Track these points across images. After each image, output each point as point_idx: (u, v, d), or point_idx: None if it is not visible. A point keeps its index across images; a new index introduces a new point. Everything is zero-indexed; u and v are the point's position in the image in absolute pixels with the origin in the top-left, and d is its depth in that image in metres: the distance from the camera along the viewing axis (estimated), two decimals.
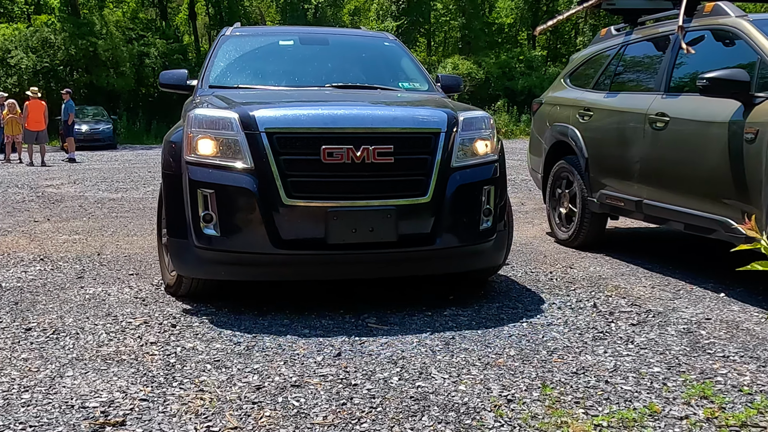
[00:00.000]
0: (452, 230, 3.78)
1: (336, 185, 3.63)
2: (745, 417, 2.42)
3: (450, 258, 3.88)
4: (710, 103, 4.11)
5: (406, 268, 3.95)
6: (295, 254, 3.62)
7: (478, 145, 3.91)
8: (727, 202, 4.00)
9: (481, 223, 3.83)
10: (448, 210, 3.72)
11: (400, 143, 3.69)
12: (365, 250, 3.68)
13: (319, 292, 4.20)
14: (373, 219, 3.62)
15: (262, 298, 4.06)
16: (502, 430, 2.36)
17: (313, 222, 3.59)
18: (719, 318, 3.65)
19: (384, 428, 2.38)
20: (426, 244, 3.73)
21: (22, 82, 26.29)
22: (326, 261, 3.71)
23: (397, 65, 5.40)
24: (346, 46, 5.76)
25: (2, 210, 8.12)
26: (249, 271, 3.79)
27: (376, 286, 4.33)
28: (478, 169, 3.87)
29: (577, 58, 6.30)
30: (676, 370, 2.89)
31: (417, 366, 2.96)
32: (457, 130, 3.82)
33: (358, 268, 3.85)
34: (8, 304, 3.98)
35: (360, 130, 3.65)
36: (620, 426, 2.38)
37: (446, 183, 3.73)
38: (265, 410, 2.53)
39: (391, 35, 5.95)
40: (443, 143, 3.75)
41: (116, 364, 3.00)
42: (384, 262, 3.80)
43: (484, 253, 3.97)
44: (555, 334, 3.40)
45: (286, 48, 5.49)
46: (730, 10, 4.35)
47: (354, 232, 3.60)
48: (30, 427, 2.39)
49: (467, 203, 3.79)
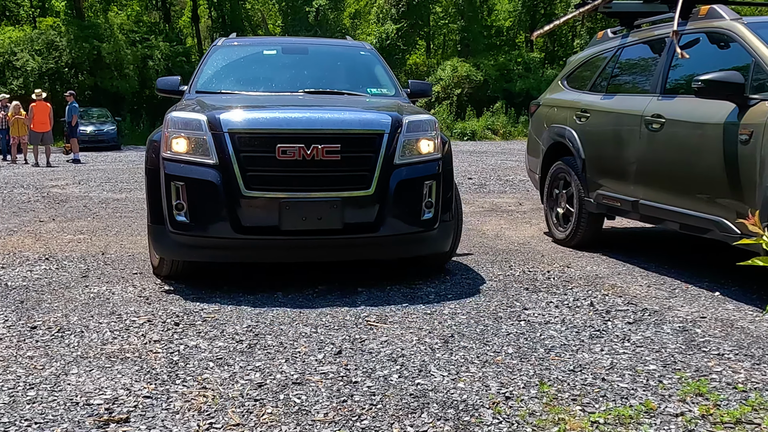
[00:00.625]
0: (395, 219, 4.18)
1: (288, 179, 4.06)
2: (740, 414, 2.43)
3: (393, 244, 4.29)
4: (705, 104, 4.11)
5: (352, 253, 4.37)
6: (253, 239, 4.07)
7: (422, 145, 4.30)
8: (722, 203, 4.00)
9: (422, 213, 4.22)
10: (391, 202, 4.13)
11: (347, 143, 4.11)
12: (314, 236, 4.11)
13: (319, 291, 4.20)
14: (320, 209, 4.05)
15: (263, 297, 4.06)
16: (501, 426, 2.36)
17: (269, 211, 4.03)
18: (714, 316, 3.65)
19: (384, 425, 2.38)
20: (370, 232, 4.15)
21: (28, 84, 26.29)
22: (280, 245, 4.17)
23: (369, 73, 5.75)
24: (324, 55, 6.19)
25: (8, 210, 8.12)
26: (215, 253, 4.25)
27: (376, 286, 4.33)
28: (420, 166, 4.27)
29: (574, 61, 6.31)
30: (672, 368, 2.90)
31: (416, 364, 2.96)
32: (401, 131, 4.21)
33: (308, 252, 4.28)
34: (14, 302, 3.98)
35: (311, 132, 4.08)
36: (617, 423, 2.38)
37: (389, 178, 4.14)
38: (267, 407, 2.53)
39: (368, 45, 6.25)
40: (386, 143, 4.16)
41: (120, 362, 3.00)
42: (331, 246, 4.22)
43: (428, 240, 4.36)
44: (552, 332, 3.40)
45: (269, 57, 5.98)
46: (725, 13, 4.35)
47: (304, 220, 4.03)
48: (35, 424, 2.39)
49: (409, 196, 4.20)
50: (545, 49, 37.36)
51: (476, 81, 32.11)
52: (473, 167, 13.94)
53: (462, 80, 32.04)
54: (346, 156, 4.09)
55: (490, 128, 30.00)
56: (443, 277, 4.56)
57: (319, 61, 6.04)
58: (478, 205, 8.19)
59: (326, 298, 4.06)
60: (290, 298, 4.04)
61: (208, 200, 4.02)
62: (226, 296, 4.09)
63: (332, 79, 5.66)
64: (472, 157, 17.48)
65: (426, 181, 4.23)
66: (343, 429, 2.35)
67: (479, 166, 14.34)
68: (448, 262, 4.85)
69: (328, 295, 4.13)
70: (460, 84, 31.95)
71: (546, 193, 5.99)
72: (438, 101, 31.81)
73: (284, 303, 3.95)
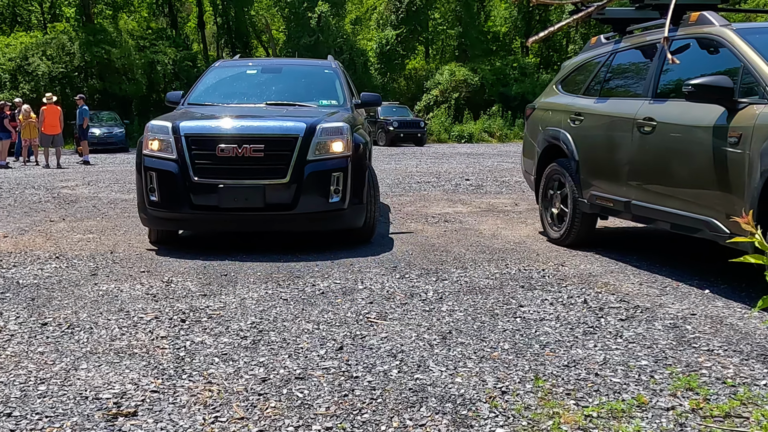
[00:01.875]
0: (307, 201, 5.26)
1: (224, 170, 5.26)
2: (729, 408, 2.43)
3: (307, 220, 5.41)
4: (695, 108, 4.11)
5: (274, 226, 5.61)
6: (201, 214, 5.34)
7: (334, 146, 5.36)
8: (712, 203, 4.00)
9: (330, 197, 5.31)
10: (303, 188, 5.22)
11: (269, 144, 5.26)
12: (243, 212, 5.31)
13: (321, 289, 4.20)
14: (248, 192, 5.22)
15: (267, 295, 4.06)
16: (497, 420, 2.36)
17: (211, 193, 5.24)
18: (704, 313, 3.65)
19: (384, 419, 2.38)
20: (286, 210, 5.28)
21: (39, 88, 26.28)
22: (220, 219, 5.43)
23: (325, 87, 6.88)
24: (293, 73, 7.59)
25: (20, 210, 8.12)
26: (177, 224, 5.66)
27: (376, 284, 4.33)
28: (329, 161, 5.33)
29: (569, 66, 6.30)
30: (663, 363, 2.90)
31: (415, 359, 2.96)
32: (315, 135, 5.29)
33: (240, 224, 5.55)
34: (25, 300, 3.98)
35: (241, 136, 5.29)
36: (609, 416, 2.38)
37: (303, 170, 5.23)
38: (271, 401, 2.53)
39: (334, 64, 7.32)
40: (300, 144, 5.25)
41: (128, 358, 3.00)
42: (257, 220, 5.42)
43: (340, 218, 5.44)
44: (547, 328, 3.40)
45: (250, 75, 7.41)
46: (715, 20, 4.35)
47: (235, 200, 5.24)
48: (46, 418, 2.39)
49: (318, 184, 5.27)
50: (540, 54, 37.36)
51: (473, 85, 32.11)
52: (470, 169, 13.93)
53: (460, 84, 32.04)
54: (268, 153, 5.23)
55: (486, 131, 30.01)
56: (441, 275, 4.56)
57: (287, 79, 7.36)
58: (475, 206, 8.19)
59: (327, 295, 4.06)
60: (293, 296, 4.04)
61: (170, 185, 5.29)
62: (231, 294, 4.09)
63: (293, 93, 6.81)
64: (469, 159, 17.48)
65: (334, 173, 5.30)
66: (344, 422, 2.35)
67: (476, 167, 14.33)
68: (371, 236, 5.85)
69: (329, 293, 4.13)
70: (458, 88, 31.96)
71: (541, 193, 5.99)
72: (436, 104, 31.80)
73: (287, 300, 3.95)
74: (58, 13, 35.20)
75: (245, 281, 4.42)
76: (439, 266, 4.84)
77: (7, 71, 27.36)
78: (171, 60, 30.59)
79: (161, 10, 36.22)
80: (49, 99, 16.34)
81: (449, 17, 36.58)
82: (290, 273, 4.65)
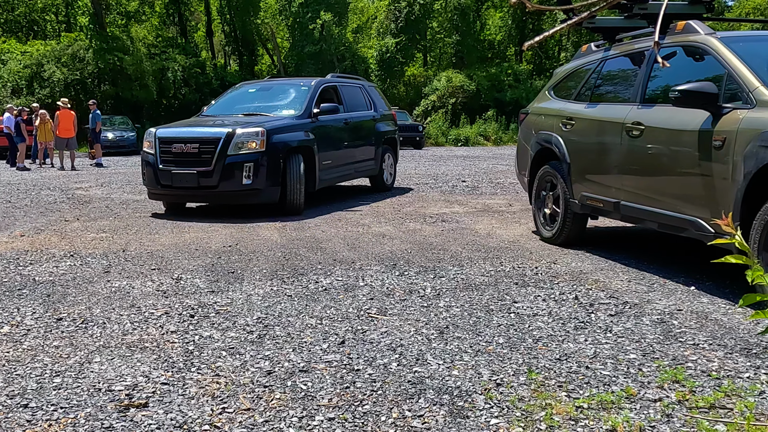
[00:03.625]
0: (226, 184, 7.19)
1: (176, 161, 7.39)
2: (714, 399, 2.43)
3: (229, 196, 7.38)
4: (682, 113, 4.11)
5: (206, 200, 7.76)
6: (164, 189, 7.59)
7: (250, 145, 7.19)
8: (697, 204, 4.00)
9: (242, 181, 7.17)
10: (223, 175, 7.15)
11: (201, 144, 7.30)
12: (186, 190, 7.46)
13: (324, 286, 4.20)
14: (188, 177, 7.29)
15: (272, 292, 4.06)
16: (492, 411, 2.36)
17: (168, 176, 7.39)
18: (690, 309, 3.65)
19: (384, 410, 2.38)
20: (212, 189, 7.27)
21: (54, 93, 26.28)
22: (174, 194, 7.67)
23: (292, 100, 8.50)
24: (277, 90, 9.18)
25: (36, 210, 8.12)
26: (155, 196, 7.94)
27: (376, 281, 4.33)
28: (243, 155, 7.18)
29: (560, 72, 6.30)
30: (651, 357, 2.90)
31: (414, 353, 2.96)
32: (234, 138, 7.18)
33: (186, 198, 7.87)
34: (41, 296, 3.98)
35: (187, 138, 7.46)
36: (600, 408, 2.38)
37: (223, 162, 7.15)
38: (276, 393, 2.53)
39: (314, 81, 8.80)
40: (222, 144, 7.17)
41: (140, 351, 3.00)
42: (195, 195, 7.63)
43: (257, 195, 7.30)
44: (540, 323, 3.40)
45: (249, 93, 9.24)
46: (700, 28, 4.35)
47: (181, 181, 7.35)
48: (61, 409, 2.39)
49: (233, 172, 7.16)
50: (534, 61, 37.36)
51: (469, 91, 32.10)
52: (466, 171, 13.93)
53: (456, 90, 32.03)
54: (201, 150, 7.27)
55: (482, 134, 30.01)
56: (439, 272, 4.56)
57: (270, 95, 8.99)
58: (471, 206, 8.19)
59: (330, 292, 4.06)
60: (297, 293, 4.04)
61: (149, 171, 7.63)
62: (238, 290, 4.09)
63: (266, 106, 8.55)
64: (465, 161, 17.47)
65: (246, 164, 7.13)
66: (346, 413, 2.35)
67: (472, 169, 14.32)
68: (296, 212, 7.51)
69: (331, 289, 4.13)
70: (455, 93, 31.95)
71: (534, 194, 5.99)
72: (434, 109, 31.79)
73: (291, 297, 3.95)
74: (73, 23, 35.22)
75: (251, 278, 4.42)
76: (436, 264, 4.84)
77: (24, 78, 27.37)
78: (180, 67, 30.59)
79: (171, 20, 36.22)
80: (64, 104, 16.34)
81: (446, 26, 36.57)
82: (294, 270, 4.65)
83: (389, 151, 10.20)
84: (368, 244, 5.64)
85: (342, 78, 9.93)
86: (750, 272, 1.63)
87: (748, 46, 4.11)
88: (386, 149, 10.05)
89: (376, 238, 5.95)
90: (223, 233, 6.28)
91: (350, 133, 8.95)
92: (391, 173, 10.32)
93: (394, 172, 10.48)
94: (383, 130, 9.90)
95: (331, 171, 8.49)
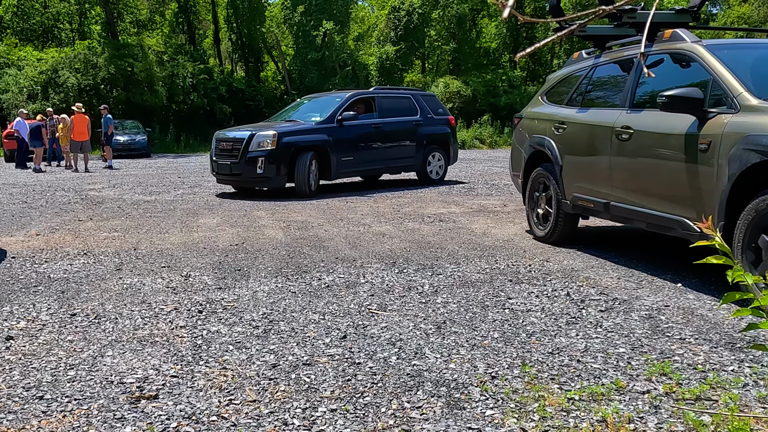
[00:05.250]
0: (247, 171, 9.24)
1: (221, 155, 9.59)
2: (699, 391, 2.43)
3: (249, 181, 9.50)
4: (669, 117, 4.11)
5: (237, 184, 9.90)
6: (217, 175, 9.92)
7: (265, 143, 9.10)
8: (684, 204, 3.99)
9: (257, 170, 9.12)
10: (245, 166, 9.20)
11: (234, 143, 9.39)
12: (225, 176, 9.70)
13: (327, 283, 4.20)
14: (225, 166, 9.51)
15: (277, 289, 4.06)
16: (487, 403, 2.36)
17: (217, 165, 9.71)
18: (677, 305, 3.65)
19: (384, 401, 2.38)
20: (238, 175, 9.44)
21: (68, 99, 26.26)
22: (219, 178, 9.85)
23: (322, 109, 10.19)
24: (320, 100, 10.92)
25: (51, 211, 8.12)
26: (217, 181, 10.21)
27: (377, 278, 4.33)
28: (259, 152, 9.10)
29: (553, 78, 6.30)
30: (639, 351, 2.90)
31: (413, 347, 2.96)
32: (254, 138, 9.15)
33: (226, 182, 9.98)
34: (56, 292, 3.98)
35: (226, 138, 9.64)
36: (590, 399, 2.38)
37: (246, 156, 9.15)
38: (280, 385, 2.53)
39: (349, 93, 10.55)
40: (245, 143, 9.20)
41: (150, 345, 3.00)
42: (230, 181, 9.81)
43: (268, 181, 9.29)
44: (533, 319, 3.40)
45: (301, 103, 11.38)
46: (687, 36, 4.35)
47: (222, 170, 9.60)
48: (75, 400, 2.39)
49: (252, 163, 9.12)
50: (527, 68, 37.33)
51: (466, 96, 32.07)
52: (463, 173, 13.92)
53: (453, 95, 32.01)
54: (233, 147, 9.37)
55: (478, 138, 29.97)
56: (437, 270, 4.56)
57: (314, 104, 10.84)
58: (467, 206, 8.19)
59: (332, 289, 4.06)
60: (300, 289, 4.04)
61: (211, 162, 9.98)
62: (244, 287, 4.09)
63: (304, 114, 10.46)
64: (462, 164, 17.44)
65: (260, 158, 9.05)
66: (347, 405, 2.35)
67: (468, 171, 14.31)
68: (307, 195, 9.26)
69: (334, 286, 4.13)
70: (452, 99, 31.92)
71: (527, 195, 5.98)
72: None
73: (295, 293, 3.95)
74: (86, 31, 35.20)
75: (257, 275, 4.42)
76: (434, 262, 4.84)
77: (39, 83, 27.35)
78: (189, 73, 30.54)
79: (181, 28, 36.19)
80: (78, 108, 16.35)
81: (444, 34, 36.56)
82: (298, 268, 4.65)
83: (438, 150, 11.34)
84: (369, 243, 5.64)
85: (384, 90, 11.42)
86: (730, 272, 1.63)
87: (733, 54, 4.11)
88: (433, 149, 11.24)
89: (376, 237, 5.95)
90: (230, 233, 6.28)
91: (381, 135, 10.44)
92: (438, 170, 11.41)
93: (444, 168, 11.55)
94: (427, 133, 11.10)
95: (352, 165, 10.09)
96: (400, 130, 10.83)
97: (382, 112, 10.62)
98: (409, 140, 10.92)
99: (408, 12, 34.43)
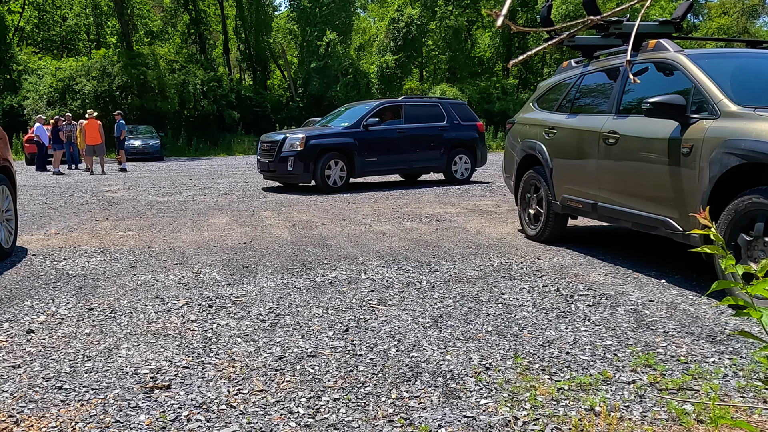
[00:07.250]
0: (279, 169, 10.19)
1: (263, 154, 10.64)
2: (682, 382, 2.43)
3: (281, 176, 10.48)
4: (653, 123, 4.11)
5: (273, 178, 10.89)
6: (260, 172, 11.14)
7: (295, 144, 9.97)
8: (667, 205, 4.00)
9: (287, 168, 10.07)
10: (278, 164, 10.19)
11: (271, 144, 10.39)
12: (265, 171, 10.71)
13: (330, 279, 4.20)
14: (265, 164, 10.53)
15: (283, 285, 4.06)
16: (482, 392, 2.36)
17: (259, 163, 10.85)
18: (660, 300, 3.65)
19: (384, 391, 2.38)
20: (274, 172, 10.46)
21: (85, 105, 26.27)
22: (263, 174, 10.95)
23: (354, 115, 10.87)
24: (354, 108, 11.49)
25: (69, 211, 8.12)
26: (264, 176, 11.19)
27: (377, 275, 4.33)
28: (290, 152, 10.00)
29: (544, 86, 6.30)
30: (625, 343, 2.90)
31: (411, 340, 2.96)
32: (287, 141, 10.05)
33: (265, 176, 10.95)
34: (74, 288, 3.98)
35: (266, 140, 10.71)
36: (579, 389, 2.38)
37: (279, 155, 10.07)
38: (286, 376, 2.53)
39: (377, 101, 11.24)
40: (280, 144, 10.12)
41: (163, 338, 3.00)
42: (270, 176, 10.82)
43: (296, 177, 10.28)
44: (525, 313, 3.40)
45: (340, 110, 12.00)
46: (670, 46, 4.35)
47: (263, 167, 10.70)
48: (92, 390, 2.40)
49: (283, 162, 10.07)
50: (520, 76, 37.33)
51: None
52: None
53: None
54: (271, 148, 10.27)
55: None
56: (434, 267, 4.56)
57: (348, 111, 11.43)
58: (462, 207, 8.19)
59: (335, 285, 4.06)
60: (305, 285, 4.05)
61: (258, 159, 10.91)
62: (252, 283, 4.09)
63: (338, 119, 11.24)
64: None
65: (290, 157, 10.00)
66: (349, 394, 2.35)
67: None
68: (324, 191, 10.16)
69: (336, 282, 4.13)
70: None
71: (519, 196, 5.98)
72: None
73: (300, 289, 3.95)
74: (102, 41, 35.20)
75: (264, 272, 4.42)
76: (431, 259, 4.84)
77: (58, 90, 27.36)
78: (200, 81, 30.54)
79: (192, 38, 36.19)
80: (90, 114, 16.37)
81: (440, 44, 36.56)
82: (303, 265, 4.65)
83: (464, 153, 11.76)
84: (369, 242, 5.64)
85: (412, 99, 11.85)
86: (723, 261, 1.63)
87: (713, 63, 4.12)
88: (459, 151, 11.67)
89: (376, 236, 5.95)
90: (238, 232, 6.28)
91: (405, 138, 11.00)
92: (464, 171, 11.82)
93: (470, 170, 11.93)
94: (453, 137, 11.55)
95: (375, 165, 10.73)
96: (425, 134, 11.30)
97: (408, 119, 11.20)
98: (434, 143, 11.37)
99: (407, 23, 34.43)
